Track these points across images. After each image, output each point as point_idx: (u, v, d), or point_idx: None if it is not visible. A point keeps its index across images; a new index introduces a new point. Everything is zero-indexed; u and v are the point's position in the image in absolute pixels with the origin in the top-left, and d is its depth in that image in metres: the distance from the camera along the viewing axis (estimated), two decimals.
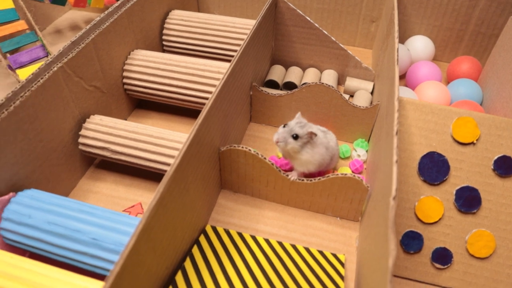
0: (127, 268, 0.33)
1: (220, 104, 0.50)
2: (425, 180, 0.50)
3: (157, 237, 0.38)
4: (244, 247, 0.49)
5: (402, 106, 0.51)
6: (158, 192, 0.37)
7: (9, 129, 0.46)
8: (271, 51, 0.73)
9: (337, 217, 0.55)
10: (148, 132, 0.55)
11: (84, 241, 0.43)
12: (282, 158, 0.59)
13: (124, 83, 0.65)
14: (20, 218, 0.45)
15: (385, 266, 0.33)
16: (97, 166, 0.61)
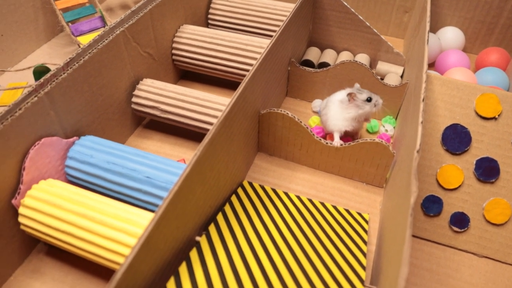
0: (180, 194, 0.39)
1: (263, 71, 0.56)
2: (447, 150, 0.54)
3: (206, 172, 0.44)
4: (278, 201, 0.54)
5: (429, 81, 0.55)
6: (210, 133, 0.43)
7: (78, 80, 0.52)
8: (309, 33, 0.78)
9: (363, 183, 0.60)
10: (195, 95, 0.61)
11: (138, 179, 0.49)
12: (316, 126, 0.64)
13: (173, 54, 0.71)
14: (83, 157, 0.51)
15: (405, 222, 0.37)
16: (144, 126, 0.68)
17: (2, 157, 0.44)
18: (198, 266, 0.40)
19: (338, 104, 0.59)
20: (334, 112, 0.59)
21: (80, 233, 0.44)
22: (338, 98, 0.59)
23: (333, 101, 0.60)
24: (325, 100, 0.63)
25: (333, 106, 0.59)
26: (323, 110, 0.62)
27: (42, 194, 0.46)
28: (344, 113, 0.58)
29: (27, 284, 0.49)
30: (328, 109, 0.60)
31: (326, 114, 0.60)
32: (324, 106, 0.62)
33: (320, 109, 0.64)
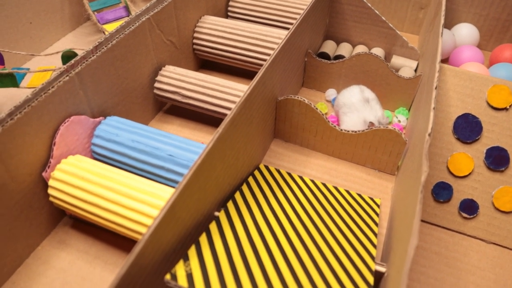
0: (203, 167, 0.41)
1: (282, 59, 0.58)
2: (458, 138, 0.55)
3: (226, 151, 0.46)
4: (293, 183, 0.56)
5: (442, 72, 0.57)
6: (231, 113, 0.45)
7: (106, 62, 0.55)
8: (325, 27, 0.80)
9: (375, 170, 0.62)
10: (215, 81, 0.63)
11: (161, 157, 0.51)
12: (331, 115, 0.66)
13: (194, 43, 0.74)
14: (109, 136, 0.53)
15: (415, 199, 0.39)
16: (165, 112, 0.70)
17: (36, 132, 0.47)
18: (217, 237, 0.43)
19: (362, 120, 0.62)
20: (353, 121, 0.63)
21: (106, 204, 0.46)
22: (363, 113, 0.62)
23: (356, 108, 0.63)
24: (345, 98, 0.65)
25: (354, 116, 0.62)
26: (343, 108, 0.64)
27: (71, 168, 0.49)
28: (358, 126, 0.61)
29: (53, 254, 0.52)
30: (349, 113, 0.63)
31: (345, 114, 0.63)
32: (345, 106, 0.64)
33: (337, 101, 0.66)
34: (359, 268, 0.43)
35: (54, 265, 0.51)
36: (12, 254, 0.49)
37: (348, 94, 0.65)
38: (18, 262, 0.50)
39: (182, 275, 0.37)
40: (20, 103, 0.45)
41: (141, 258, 0.34)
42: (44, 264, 0.51)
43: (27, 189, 0.48)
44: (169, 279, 0.36)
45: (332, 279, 0.40)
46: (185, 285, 0.36)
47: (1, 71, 0.61)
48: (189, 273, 0.37)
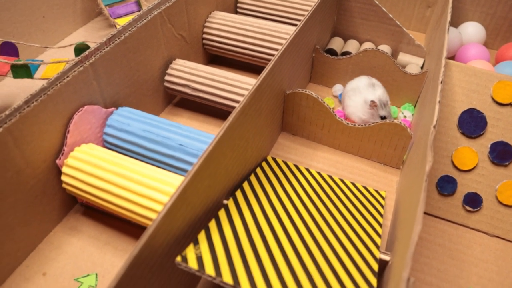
0: (213, 154, 0.42)
1: (290, 53, 0.59)
2: (463, 133, 0.56)
3: (235, 140, 0.47)
4: (300, 175, 0.57)
5: (448, 68, 0.58)
6: (241, 103, 0.46)
7: (119, 54, 0.56)
8: (333, 24, 0.81)
9: (381, 163, 0.63)
10: (224, 75, 0.64)
11: (172, 146, 0.52)
12: (338, 110, 0.67)
13: (203, 38, 0.75)
14: (121, 125, 0.55)
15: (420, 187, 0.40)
16: (175, 104, 0.72)
17: (51, 120, 0.48)
18: (226, 223, 0.44)
19: (363, 100, 0.63)
20: (355, 103, 0.64)
21: (118, 191, 0.48)
22: (365, 94, 0.63)
23: (359, 91, 0.64)
24: (352, 84, 0.67)
25: (357, 98, 0.63)
26: (348, 92, 0.66)
27: (84, 156, 0.50)
28: (361, 111, 0.62)
29: (65, 239, 0.53)
30: (353, 96, 0.64)
31: (349, 97, 0.64)
32: (351, 90, 0.66)
33: (345, 90, 0.68)
34: (364, 255, 0.44)
35: (66, 250, 0.52)
36: (25, 238, 0.50)
37: (356, 80, 0.66)
38: (31, 246, 0.51)
39: (192, 258, 0.38)
40: (36, 92, 0.47)
41: (153, 239, 0.36)
42: (56, 249, 0.52)
43: (41, 175, 0.49)
44: (180, 261, 0.37)
45: (338, 265, 0.42)
46: (195, 267, 0.37)
47: (16, 62, 0.62)
48: (199, 256, 0.38)
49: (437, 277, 0.51)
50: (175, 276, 0.42)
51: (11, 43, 0.66)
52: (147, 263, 0.36)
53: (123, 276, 0.32)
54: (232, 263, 0.39)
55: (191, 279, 0.47)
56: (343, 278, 0.40)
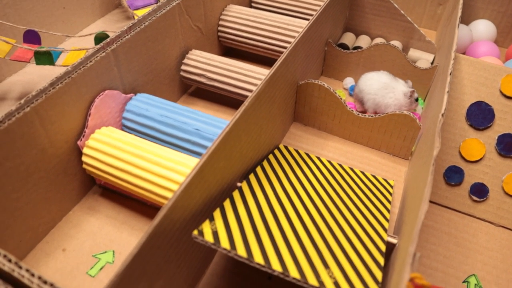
0: (229, 136, 0.44)
1: (303, 45, 0.61)
2: (471, 125, 0.58)
3: (250, 125, 0.49)
4: (311, 163, 0.59)
5: (457, 62, 0.59)
6: (256, 90, 0.48)
7: (139, 42, 0.58)
8: (345, 19, 0.83)
9: (390, 154, 0.64)
10: (239, 65, 0.66)
11: (188, 131, 0.54)
12: (348, 102, 0.68)
13: (219, 30, 0.77)
14: (140, 110, 0.57)
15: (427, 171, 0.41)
16: (190, 94, 0.74)
17: (74, 102, 0.51)
18: (240, 203, 0.46)
19: (401, 94, 0.64)
20: (397, 99, 0.65)
21: (136, 171, 0.50)
22: (398, 87, 0.65)
23: (392, 87, 0.65)
24: (375, 85, 0.66)
25: (395, 94, 0.65)
26: (380, 92, 0.66)
27: (104, 137, 0.52)
28: (404, 104, 0.64)
29: (84, 218, 0.55)
30: (390, 94, 0.65)
31: (385, 96, 0.65)
32: (381, 89, 0.66)
33: (360, 85, 0.68)
34: (372, 237, 0.46)
35: (85, 229, 0.54)
36: (46, 215, 0.52)
37: (376, 79, 0.66)
38: (51, 224, 0.54)
39: (208, 232, 0.40)
40: (61, 75, 0.49)
41: (172, 212, 0.37)
42: (75, 227, 0.54)
43: (63, 155, 0.52)
44: (197, 235, 0.39)
45: (347, 244, 0.43)
46: (211, 240, 0.39)
47: (39, 49, 0.65)
48: (215, 231, 0.40)
49: (442, 263, 0.52)
50: (191, 251, 0.44)
51: (34, 31, 0.68)
52: (166, 235, 0.38)
53: (144, 243, 0.34)
54: (245, 238, 0.40)
55: (205, 256, 0.49)
56: (351, 256, 0.42)
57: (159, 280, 0.39)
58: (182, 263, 0.43)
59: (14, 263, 0.32)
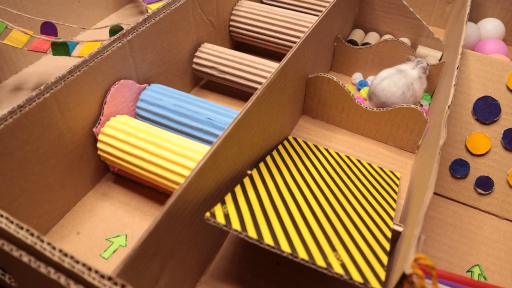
0: (242, 123, 0.46)
1: (314, 39, 0.62)
2: (477, 119, 0.59)
3: (262, 114, 0.50)
4: (319, 154, 0.60)
5: (464, 57, 0.60)
6: (268, 79, 0.49)
7: (153, 34, 0.60)
8: (355, 16, 0.84)
9: (397, 147, 0.65)
10: (250, 59, 0.68)
11: (200, 120, 0.56)
12: (357, 96, 0.70)
13: (230, 25, 0.79)
14: (153, 100, 0.59)
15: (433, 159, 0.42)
16: (201, 87, 0.75)
17: (91, 90, 0.52)
18: (250, 189, 0.47)
19: (418, 80, 0.66)
20: (419, 86, 0.66)
21: (149, 157, 0.51)
22: (410, 71, 0.66)
23: (405, 73, 0.66)
24: (390, 78, 0.66)
25: (413, 85, 0.66)
26: (400, 80, 0.66)
27: (119, 125, 0.54)
28: (422, 82, 0.66)
29: (98, 204, 0.57)
30: (412, 84, 0.66)
31: (411, 87, 0.66)
32: (400, 78, 0.66)
33: (375, 87, 0.67)
34: (379, 224, 0.47)
35: (98, 214, 0.56)
36: (62, 199, 0.54)
37: (390, 72, 0.67)
38: (66, 208, 0.55)
39: (220, 215, 0.41)
40: (79, 63, 0.51)
41: (187, 192, 0.39)
42: (89, 212, 0.56)
43: (79, 142, 0.53)
44: (209, 217, 0.41)
45: (354, 230, 0.45)
46: (222, 222, 0.40)
47: (56, 40, 0.66)
48: (226, 214, 0.42)
49: (447, 253, 0.54)
50: (202, 234, 0.45)
51: (51, 23, 0.70)
52: (179, 215, 0.39)
53: (160, 221, 0.36)
54: (256, 220, 0.42)
55: (215, 241, 0.50)
56: (358, 241, 0.43)
57: (172, 259, 0.41)
58: (194, 245, 0.44)
59: (37, 237, 0.34)
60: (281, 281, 0.49)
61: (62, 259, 0.32)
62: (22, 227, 0.34)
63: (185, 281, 0.45)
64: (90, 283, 0.31)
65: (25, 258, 0.33)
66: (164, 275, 0.40)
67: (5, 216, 0.34)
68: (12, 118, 0.44)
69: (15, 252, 0.33)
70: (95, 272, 0.31)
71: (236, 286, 0.49)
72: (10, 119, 0.44)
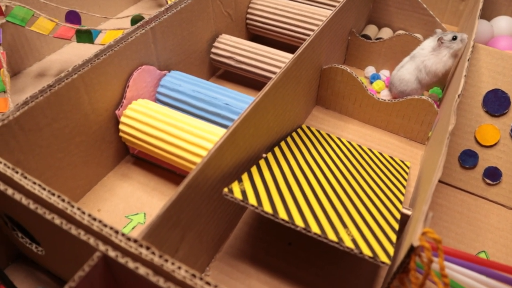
0: (259, 106, 0.48)
1: (329, 31, 0.64)
2: (487, 111, 0.60)
3: (277, 100, 0.53)
4: (332, 142, 0.62)
5: (476, 51, 0.62)
6: (285, 66, 0.51)
7: (174, 23, 0.62)
8: (369, 11, 0.86)
9: (407, 138, 0.67)
10: (266, 50, 0.70)
11: (218, 105, 0.58)
12: (370, 89, 0.72)
13: (247, 18, 0.81)
14: (173, 86, 0.61)
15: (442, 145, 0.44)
16: (217, 77, 0.78)
17: (115, 73, 0.55)
18: (266, 169, 0.49)
19: (431, 53, 0.66)
20: (432, 61, 0.67)
21: (169, 138, 0.54)
22: (427, 48, 0.67)
23: (420, 56, 0.67)
24: (407, 66, 0.69)
25: (426, 60, 0.67)
26: (408, 70, 0.68)
27: (141, 108, 0.56)
28: (440, 57, 0.66)
29: (118, 184, 0.59)
30: (422, 63, 0.67)
31: (422, 62, 0.67)
32: (418, 62, 0.68)
33: (392, 78, 0.71)
34: (388, 206, 0.49)
35: (118, 193, 0.58)
36: (84, 178, 0.57)
37: (405, 63, 0.69)
38: (88, 187, 0.58)
39: (237, 191, 0.44)
40: (105, 47, 0.53)
41: (206, 168, 0.41)
42: (110, 191, 0.58)
43: (103, 123, 0.56)
44: (227, 192, 0.43)
45: (364, 211, 0.46)
46: (239, 197, 0.43)
47: (81, 28, 0.69)
48: (243, 190, 0.44)
49: (454, 239, 0.55)
50: (219, 211, 0.48)
51: (75, 12, 0.73)
52: (199, 189, 0.42)
53: (181, 192, 0.38)
54: (271, 197, 0.44)
55: (230, 220, 0.52)
56: (368, 220, 0.45)
57: (190, 232, 0.43)
58: (211, 221, 0.47)
59: (67, 202, 0.36)
60: (293, 261, 0.51)
61: (91, 222, 0.34)
62: (54, 194, 0.36)
63: (201, 255, 0.48)
64: (118, 245, 0.33)
65: (57, 221, 0.35)
66: (183, 246, 0.43)
67: (38, 183, 0.37)
68: (42, 96, 0.46)
69: (47, 215, 0.35)
70: (121, 235, 0.33)
71: (250, 264, 0.51)
72: (41, 97, 0.46)
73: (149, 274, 0.31)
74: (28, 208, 0.36)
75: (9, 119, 0.43)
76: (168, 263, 0.31)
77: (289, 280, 0.50)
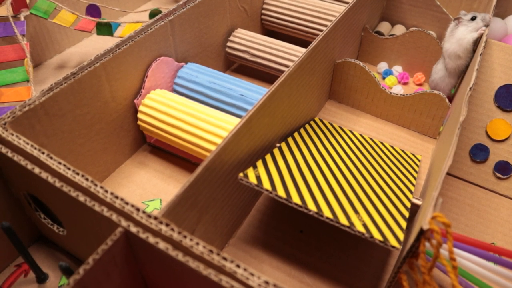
0: (274, 96, 0.49)
1: (343, 26, 0.65)
2: (499, 106, 0.61)
3: (292, 90, 0.54)
4: (344, 134, 0.63)
5: (488, 46, 0.62)
6: (300, 58, 0.53)
7: (192, 16, 0.64)
8: (382, 8, 0.87)
9: (418, 132, 0.68)
10: (280, 44, 0.71)
11: (234, 96, 0.60)
12: (382, 84, 0.73)
13: (262, 13, 0.82)
14: (190, 77, 0.63)
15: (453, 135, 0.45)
16: (232, 70, 0.79)
17: (135, 63, 0.57)
18: (279, 157, 0.51)
19: (449, 34, 0.68)
20: (449, 42, 0.67)
21: (186, 127, 0.55)
22: (445, 46, 0.68)
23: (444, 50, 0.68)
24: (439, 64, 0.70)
25: (445, 43, 0.68)
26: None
27: (159, 97, 0.58)
28: (456, 36, 0.66)
29: (135, 171, 0.61)
30: (442, 57, 0.68)
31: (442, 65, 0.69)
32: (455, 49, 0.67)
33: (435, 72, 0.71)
34: (398, 195, 0.50)
35: (135, 180, 0.60)
36: (103, 164, 0.58)
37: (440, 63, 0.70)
38: (106, 173, 0.60)
39: (252, 176, 0.45)
40: (125, 38, 0.55)
41: (223, 152, 0.43)
42: (127, 178, 0.60)
43: (122, 111, 0.58)
44: (242, 177, 0.44)
45: (375, 198, 0.48)
46: (254, 182, 0.44)
47: (101, 20, 0.71)
48: (258, 176, 0.45)
49: (464, 231, 0.56)
50: (233, 196, 0.49)
51: (96, 5, 0.75)
52: (216, 173, 0.43)
53: (199, 174, 0.40)
54: (284, 183, 0.45)
55: (244, 206, 0.54)
56: (379, 207, 0.46)
57: (206, 214, 0.45)
58: (226, 205, 0.48)
59: (91, 181, 0.38)
60: (304, 248, 0.53)
61: (114, 200, 0.36)
62: (78, 173, 0.38)
63: (215, 239, 0.49)
64: (139, 221, 0.35)
65: (82, 198, 0.37)
66: (199, 228, 0.44)
67: (63, 164, 0.39)
68: (66, 83, 0.48)
69: (72, 192, 0.37)
70: (142, 212, 0.35)
71: (262, 249, 0.52)
72: (65, 83, 0.48)
73: (168, 248, 0.33)
74: (54, 186, 0.38)
75: (35, 103, 0.45)
76: (186, 239, 0.32)
77: (300, 266, 0.51)
